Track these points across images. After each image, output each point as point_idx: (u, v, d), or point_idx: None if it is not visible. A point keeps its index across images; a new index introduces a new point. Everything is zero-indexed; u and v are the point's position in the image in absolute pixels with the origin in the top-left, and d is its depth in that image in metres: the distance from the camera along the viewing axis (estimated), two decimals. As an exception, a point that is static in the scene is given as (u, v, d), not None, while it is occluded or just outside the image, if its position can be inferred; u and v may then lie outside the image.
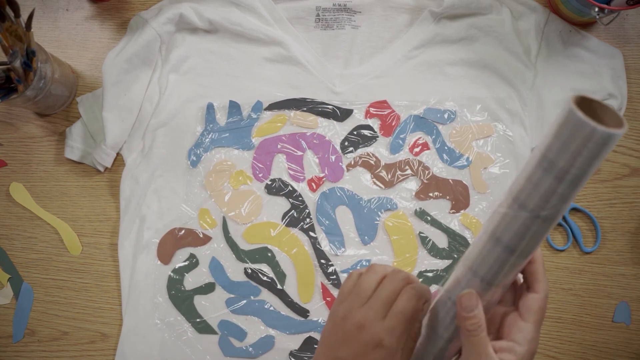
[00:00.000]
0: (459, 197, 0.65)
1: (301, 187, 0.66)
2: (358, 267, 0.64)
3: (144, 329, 0.64)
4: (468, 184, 0.65)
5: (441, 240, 0.64)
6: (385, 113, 0.67)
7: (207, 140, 0.67)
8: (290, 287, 0.64)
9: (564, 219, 0.66)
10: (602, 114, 0.32)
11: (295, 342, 0.63)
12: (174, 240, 0.65)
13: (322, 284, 0.64)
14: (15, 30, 0.61)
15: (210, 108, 0.68)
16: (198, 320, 0.64)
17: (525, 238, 0.35)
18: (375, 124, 0.67)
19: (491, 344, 0.39)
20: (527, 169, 0.34)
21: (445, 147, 0.66)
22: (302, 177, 0.66)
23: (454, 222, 0.64)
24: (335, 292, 0.64)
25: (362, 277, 0.43)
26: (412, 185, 0.66)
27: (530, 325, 0.40)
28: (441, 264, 0.64)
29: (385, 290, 0.41)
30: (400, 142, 0.66)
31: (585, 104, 0.32)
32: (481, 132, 0.66)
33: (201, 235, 0.65)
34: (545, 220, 0.34)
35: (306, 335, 0.63)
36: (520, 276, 0.42)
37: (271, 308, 0.64)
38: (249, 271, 0.64)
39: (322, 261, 0.64)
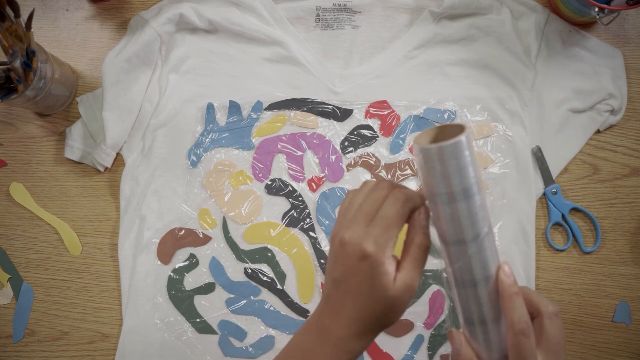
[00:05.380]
0: (459, 197, 0.65)
1: (301, 187, 0.66)
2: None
3: (144, 329, 0.64)
4: (468, 184, 0.65)
5: (441, 240, 0.64)
6: (385, 113, 0.67)
7: (207, 140, 0.67)
8: (290, 287, 0.64)
9: (564, 219, 0.66)
10: (449, 134, 0.35)
11: (295, 342, 0.63)
12: (174, 240, 0.65)
13: (322, 284, 0.64)
14: (15, 30, 0.61)
15: (210, 108, 0.68)
16: (198, 320, 0.64)
17: (468, 266, 0.38)
18: (375, 124, 0.67)
19: None
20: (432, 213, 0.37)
21: (445, 147, 0.66)
22: (302, 177, 0.66)
23: (454, 222, 0.64)
24: (335, 292, 0.64)
25: (353, 194, 0.41)
26: (412, 185, 0.66)
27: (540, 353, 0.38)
28: (440, 263, 0.64)
29: (368, 202, 0.39)
30: (400, 142, 0.66)
31: (441, 134, 0.37)
32: (481, 132, 0.66)
33: (201, 235, 0.65)
34: (475, 241, 0.36)
35: (306, 335, 0.63)
36: None
37: (271, 308, 0.64)
38: (249, 271, 0.64)
39: (322, 261, 0.64)
